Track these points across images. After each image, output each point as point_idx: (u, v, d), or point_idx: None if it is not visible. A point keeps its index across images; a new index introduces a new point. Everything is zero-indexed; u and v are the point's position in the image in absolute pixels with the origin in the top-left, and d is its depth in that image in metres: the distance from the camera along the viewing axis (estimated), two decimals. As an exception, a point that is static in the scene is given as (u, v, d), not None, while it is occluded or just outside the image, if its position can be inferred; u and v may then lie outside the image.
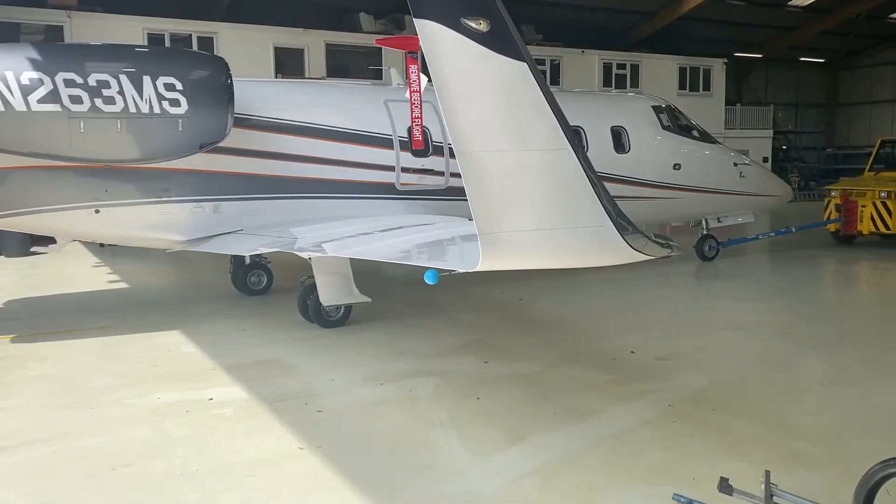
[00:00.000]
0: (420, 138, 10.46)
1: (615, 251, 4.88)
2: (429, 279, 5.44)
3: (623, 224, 4.76)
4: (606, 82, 27.45)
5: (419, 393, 7.13)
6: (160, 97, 8.64)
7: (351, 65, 25.35)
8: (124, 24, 20.28)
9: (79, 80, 8.33)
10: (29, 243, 17.73)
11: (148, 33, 20.66)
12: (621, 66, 28.06)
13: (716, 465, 5.19)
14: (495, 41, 4.16)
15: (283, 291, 12.55)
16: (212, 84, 9.00)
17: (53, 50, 9.07)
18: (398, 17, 24.43)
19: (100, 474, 5.34)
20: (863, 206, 17.12)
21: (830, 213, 18.00)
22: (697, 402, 6.78)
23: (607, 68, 27.73)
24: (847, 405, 6.77)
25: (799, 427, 6.16)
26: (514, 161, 4.38)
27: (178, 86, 8.74)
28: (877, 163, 19.42)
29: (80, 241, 11.05)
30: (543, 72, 26.00)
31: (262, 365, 8.11)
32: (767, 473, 3.31)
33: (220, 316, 10.62)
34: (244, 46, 21.00)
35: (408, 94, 10.29)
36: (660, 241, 5.29)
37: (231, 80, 9.08)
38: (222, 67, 9.17)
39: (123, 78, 8.49)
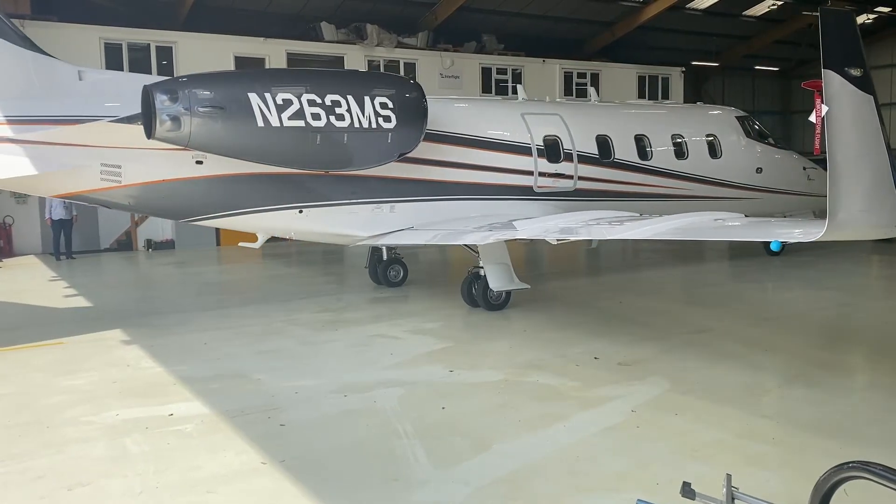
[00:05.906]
0: (819, 146, 11.51)
1: (893, 229, 6.39)
2: (775, 247, 7.12)
3: None
4: (567, 91, 27.70)
5: (383, 404, 7.09)
6: (377, 114, 9.97)
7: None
8: (80, 33, 19.85)
9: (318, 100, 9.59)
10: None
11: (105, 42, 20.27)
12: (581, 75, 28.35)
13: (678, 470, 5.26)
14: (861, 82, 5.94)
15: (233, 305, 12.41)
16: (414, 103, 10.38)
17: (298, 74, 10.93)
18: (360, 26, 24.27)
19: (54, 495, 5.20)
20: None
21: None
22: (660, 406, 6.86)
23: (568, 77, 28.00)
24: (804, 407, 6.90)
25: (758, 430, 6.26)
26: (857, 163, 5.99)
27: (390, 104, 10.09)
28: None
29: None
30: (505, 80, 26.20)
31: (223, 379, 7.99)
32: (729, 477, 3.34)
33: (180, 330, 10.45)
34: (204, 55, 20.68)
35: (815, 118, 11.81)
36: None
37: (426, 100, 10.47)
38: (420, 89, 10.61)
39: (350, 98, 9.80)
